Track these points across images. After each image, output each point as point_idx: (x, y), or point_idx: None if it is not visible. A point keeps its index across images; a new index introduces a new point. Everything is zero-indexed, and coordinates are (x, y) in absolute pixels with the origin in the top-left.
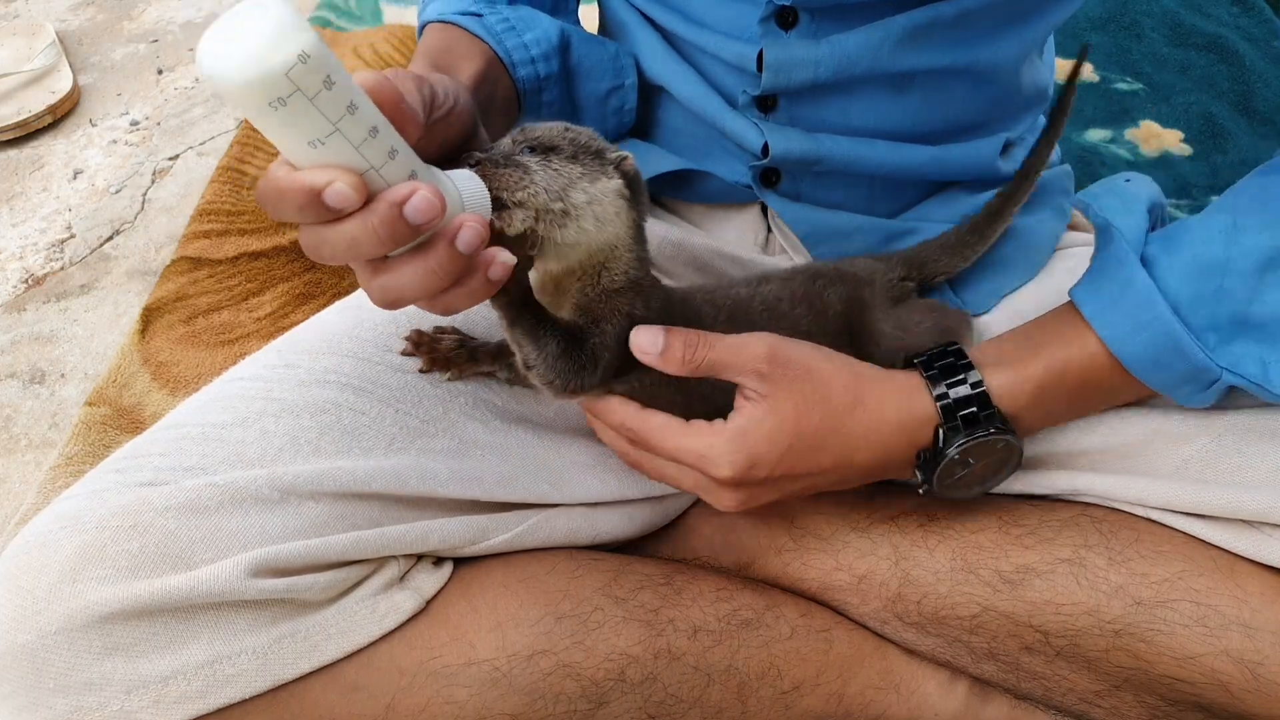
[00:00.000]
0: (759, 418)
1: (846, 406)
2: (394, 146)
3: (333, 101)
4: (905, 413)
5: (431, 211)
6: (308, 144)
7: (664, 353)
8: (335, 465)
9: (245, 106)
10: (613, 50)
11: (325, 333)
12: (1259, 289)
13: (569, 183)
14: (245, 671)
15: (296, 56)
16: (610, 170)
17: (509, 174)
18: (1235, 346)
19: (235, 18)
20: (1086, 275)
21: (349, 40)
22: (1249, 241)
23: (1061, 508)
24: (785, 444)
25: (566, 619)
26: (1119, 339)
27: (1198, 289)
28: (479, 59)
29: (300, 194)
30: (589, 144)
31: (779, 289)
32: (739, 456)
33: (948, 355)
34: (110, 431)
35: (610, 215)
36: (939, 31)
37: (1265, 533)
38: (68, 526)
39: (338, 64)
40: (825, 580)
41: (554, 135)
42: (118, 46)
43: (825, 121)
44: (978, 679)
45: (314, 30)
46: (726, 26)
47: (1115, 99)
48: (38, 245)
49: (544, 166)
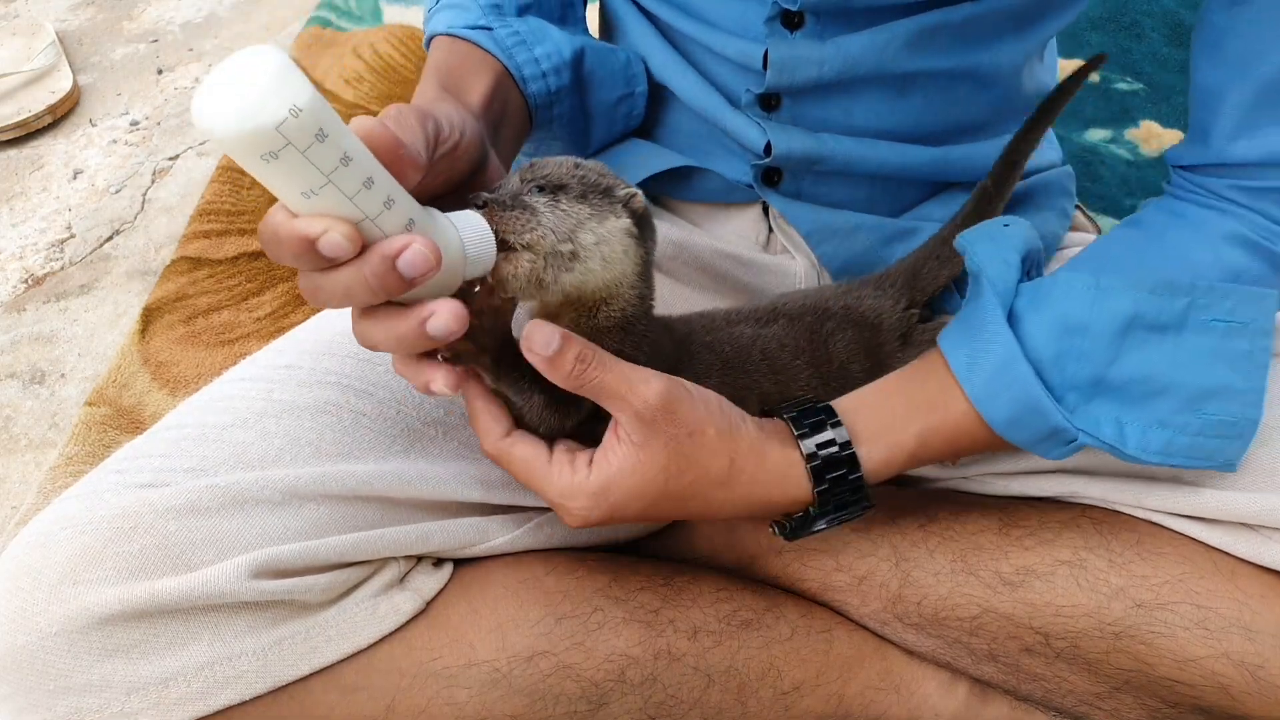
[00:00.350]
0: (627, 471)
1: (719, 480)
2: (390, 195)
3: (325, 154)
4: (778, 494)
5: (425, 265)
6: (301, 194)
7: (554, 358)
8: (336, 466)
9: (238, 158)
10: (624, 59)
11: (326, 334)
12: (1119, 352)
13: (577, 224)
14: (245, 673)
15: (288, 111)
16: (619, 209)
17: (516, 217)
18: (1093, 407)
19: (230, 68)
20: (956, 323)
21: (349, 40)
22: (1110, 303)
23: (1061, 509)
24: (649, 500)
25: (566, 620)
26: (984, 399)
27: (1060, 348)
28: (489, 75)
29: (295, 242)
30: (598, 182)
31: (784, 333)
32: (597, 513)
33: (827, 430)
34: (110, 432)
35: (618, 255)
36: (944, 35)
37: (1265, 535)
38: (68, 527)
39: (332, 115)
40: (825, 581)
41: (562, 174)
42: (117, 46)
43: (828, 121)
44: (978, 680)
45: (308, 82)
46: (731, 24)
47: (1115, 99)
48: (38, 245)
49: (552, 207)
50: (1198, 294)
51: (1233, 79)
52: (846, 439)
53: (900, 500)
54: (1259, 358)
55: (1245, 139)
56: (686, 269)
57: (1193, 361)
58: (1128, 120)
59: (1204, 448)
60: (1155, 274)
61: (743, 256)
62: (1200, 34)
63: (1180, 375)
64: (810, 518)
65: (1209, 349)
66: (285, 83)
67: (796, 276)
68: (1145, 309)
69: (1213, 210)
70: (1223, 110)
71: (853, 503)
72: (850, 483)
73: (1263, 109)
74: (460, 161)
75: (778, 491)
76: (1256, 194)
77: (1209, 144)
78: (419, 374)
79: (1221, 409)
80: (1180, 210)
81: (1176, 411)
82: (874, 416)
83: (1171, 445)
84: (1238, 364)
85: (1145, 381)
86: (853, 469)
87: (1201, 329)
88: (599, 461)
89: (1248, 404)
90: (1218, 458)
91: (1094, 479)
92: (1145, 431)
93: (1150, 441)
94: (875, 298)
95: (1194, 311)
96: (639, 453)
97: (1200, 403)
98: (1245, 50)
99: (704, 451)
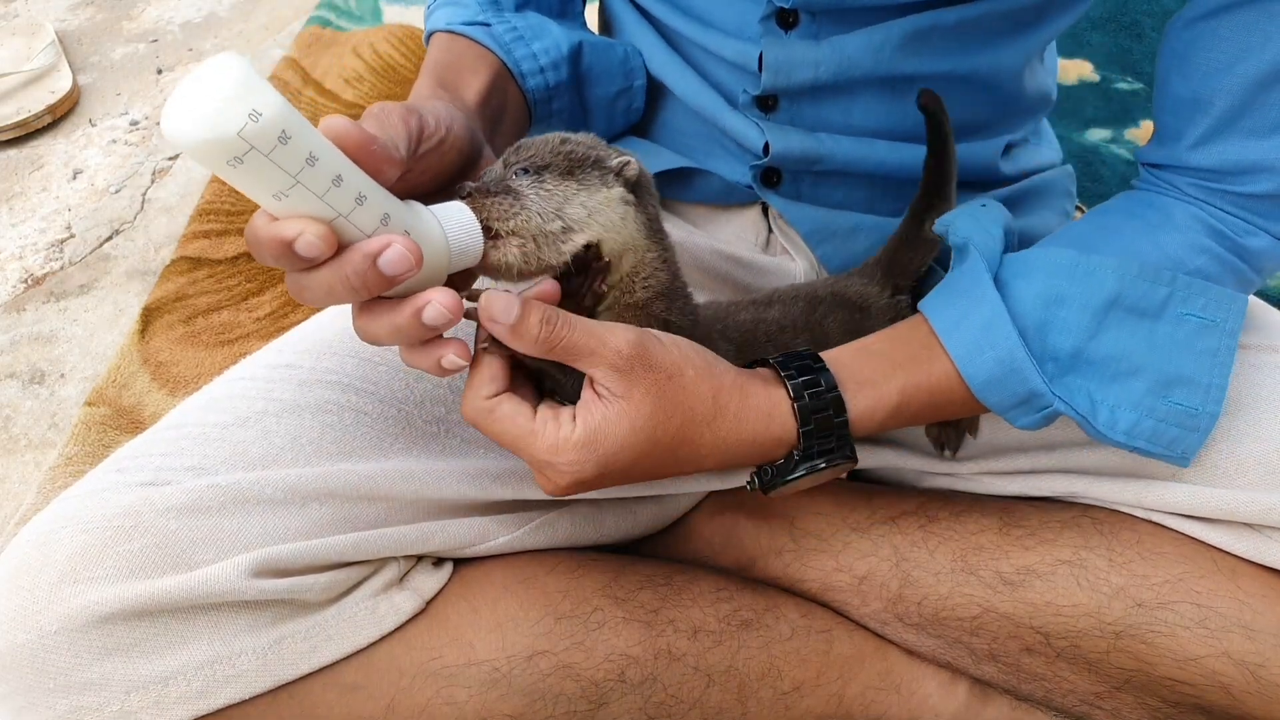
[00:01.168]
0: (612, 419)
1: (705, 418)
2: (362, 191)
3: (290, 155)
4: (762, 432)
5: (404, 264)
6: (272, 196)
7: (517, 325)
8: (336, 465)
9: (207, 164)
10: (622, 53)
11: (326, 333)
12: (1099, 328)
13: (564, 200)
14: (245, 672)
15: (248, 116)
16: (610, 179)
17: (499, 202)
18: (1069, 379)
19: (194, 81)
20: (938, 290)
21: (349, 40)
22: (1096, 280)
23: (1062, 509)
24: (640, 451)
25: (566, 619)
26: (966, 357)
27: (1044, 317)
28: (486, 71)
29: (274, 244)
30: (586, 155)
31: (782, 315)
32: (589, 468)
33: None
34: (110, 431)
35: (615, 222)
36: (939, 37)
37: (1266, 534)
38: (69, 526)
39: (296, 118)
40: (825, 581)
41: (546, 152)
42: (117, 46)
43: (826, 121)
44: (978, 680)
45: (270, 88)
46: (728, 25)
47: (1115, 99)
48: (37, 245)
49: (536, 188)
50: (1178, 286)
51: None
52: (833, 383)
53: (900, 500)
54: (1224, 356)
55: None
56: (686, 270)
57: (1166, 349)
58: (1128, 120)
59: (1166, 435)
60: (1139, 258)
61: (742, 258)
62: (1165, 47)
63: (1153, 360)
64: (790, 464)
65: (1181, 340)
66: (246, 89)
67: (796, 278)
68: (1129, 291)
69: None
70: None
71: (835, 450)
72: (835, 426)
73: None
74: (448, 156)
75: (762, 429)
76: (1213, 193)
77: (1174, 148)
78: (429, 357)
79: (1186, 398)
80: (1148, 200)
81: (1146, 394)
82: (858, 368)
83: (1137, 428)
84: (1204, 359)
85: (1120, 360)
86: (838, 412)
87: (1176, 320)
88: (582, 414)
89: (1210, 399)
90: (1176, 448)
91: (1094, 479)
92: (1114, 410)
93: (1118, 420)
94: (861, 284)
95: (1172, 303)
96: (621, 403)
97: (1168, 389)
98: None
99: (686, 393)
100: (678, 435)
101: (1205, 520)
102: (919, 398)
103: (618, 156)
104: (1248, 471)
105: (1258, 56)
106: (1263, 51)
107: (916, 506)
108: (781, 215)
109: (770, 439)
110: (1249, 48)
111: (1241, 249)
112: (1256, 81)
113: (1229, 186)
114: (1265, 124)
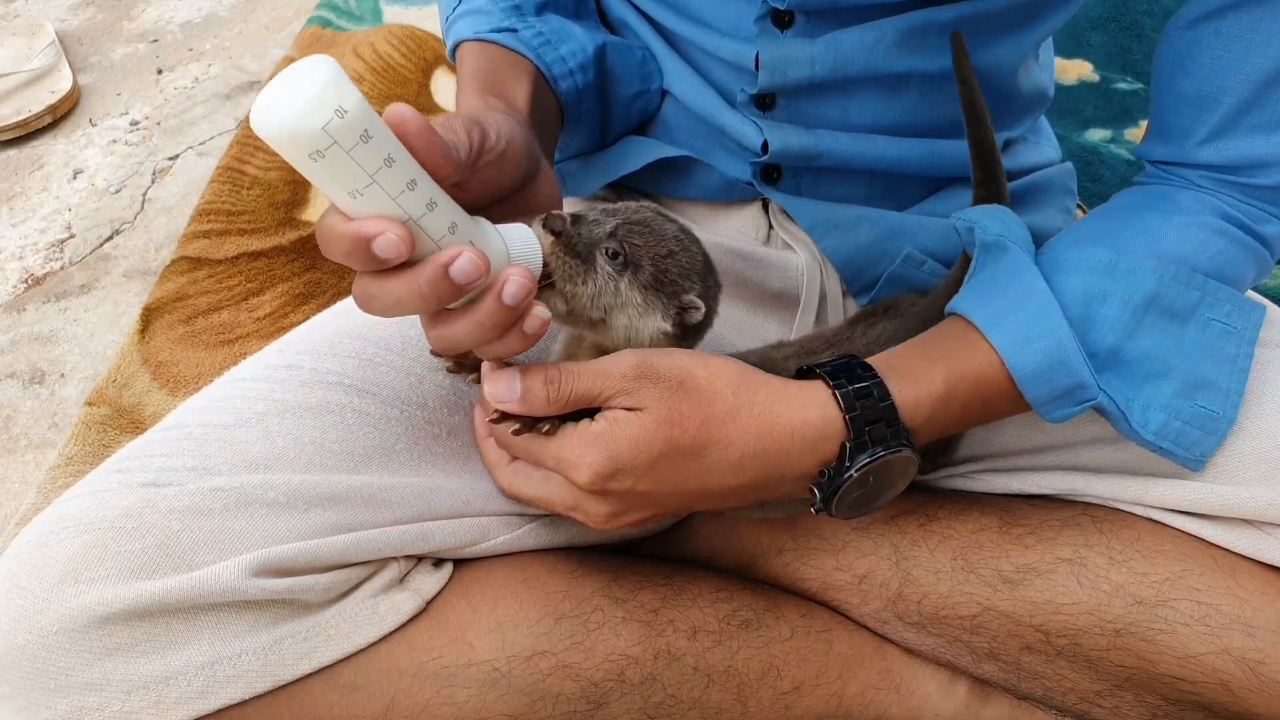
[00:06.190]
0: (622, 420)
1: (729, 412)
2: (432, 198)
3: (369, 155)
4: (801, 421)
5: (475, 273)
6: (348, 194)
7: (525, 396)
8: (337, 466)
9: (290, 157)
10: (640, 55)
11: (327, 333)
12: (1137, 326)
13: (620, 306)
14: (245, 672)
15: (333, 112)
16: (670, 313)
17: (572, 264)
18: (1106, 376)
19: (285, 78)
20: (970, 289)
21: (349, 40)
22: (1136, 279)
23: (1062, 507)
24: (656, 451)
25: (566, 619)
26: (1012, 348)
27: (1087, 312)
28: (526, 78)
29: (351, 240)
30: (674, 280)
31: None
32: (599, 458)
33: (850, 365)
34: (110, 431)
35: (643, 342)
36: (934, 34)
37: (1265, 531)
38: (69, 526)
39: (377, 121)
40: (825, 580)
41: (650, 252)
42: (117, 46)
43: (824, 119)
44: (978, 679)
45: (355, 89)
46: (724, 25)
47: (1115, 99)
48: (37, 245)
49: (610, 280)
50: (1208, 290)
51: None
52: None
53: (900, 499)
54: (1243, 363)
55: (1211, 145)
56: None
57: (1193, 352)
58: (1128, 120)
59: (1189, 437)
60: (1167, 248)
61: (743, 250)
62: (1166, 47)
63: (1181, 362)
64: (845, 457)
65: (1206, 345)
66: (333, 88)
67: (798, 270)
68: (1166, 292)
69: (1190, 190)
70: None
71: (890, 438)
72: (883, 411)
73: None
74: (507, 169)
75: (799, 417)
76: (1225, 184)
77: (1182, 146)
78: (514, 337)
79: (1209, 402)
80: (1160, 192)
81: (1174, 395)
82: (895, 363)
83: (1166, 428)
84: (1226, 364)
85: (1153, 360)
86: (883, 396)
87: (1203, 325)
88: (599, 416)
89: (1229, 404)
90: (1195, 450)
91: (1094, 476)
92: (1145, 410)
93: (1149, 420)
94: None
95: (1202, 307)
96: (633, 412)
97: (1194, 392)
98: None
99: (700, 394)
100: (699, 435)
101: (1205, 517)
102: (964, 387)
103: (690, 293)
104: (1248, 467)
105: (1262, 54)
106: (1266, 49)
107: (916, 505)
108: (784, 210)
109: (812, 429)
110: (1253, 46)
111: (1259, 235)
112: (1262, 79)
113: (1240, 179)
114: (1272, 120)
